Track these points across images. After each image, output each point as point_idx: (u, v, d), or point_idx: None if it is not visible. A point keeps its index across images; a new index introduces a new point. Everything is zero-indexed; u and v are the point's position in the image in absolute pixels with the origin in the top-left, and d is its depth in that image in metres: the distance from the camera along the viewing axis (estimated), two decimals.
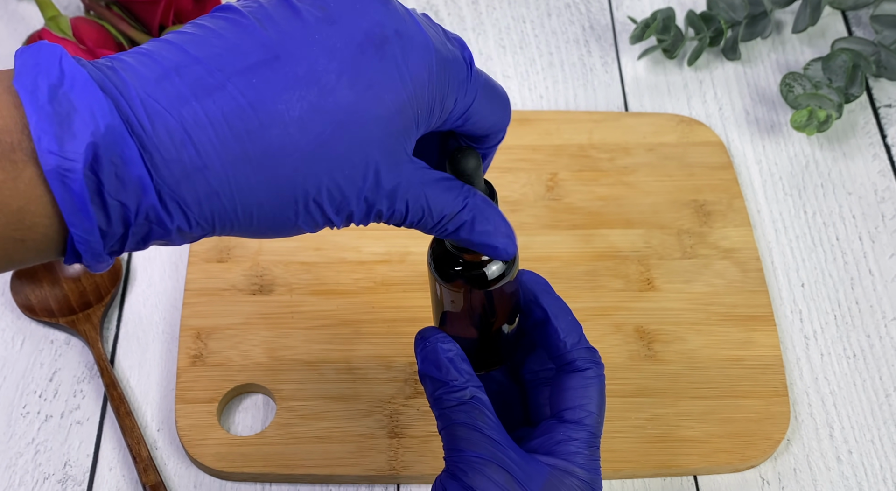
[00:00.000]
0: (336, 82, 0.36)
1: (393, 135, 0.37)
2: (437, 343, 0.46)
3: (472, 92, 0.40)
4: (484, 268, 0.44)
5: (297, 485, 0.57)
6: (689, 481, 0.57)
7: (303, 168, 0.36)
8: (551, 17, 0.81)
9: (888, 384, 0.61)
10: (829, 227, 0.68)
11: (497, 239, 0.42)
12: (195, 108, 0.34)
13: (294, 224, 0.37)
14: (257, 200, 0.36)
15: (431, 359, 0.46)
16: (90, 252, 0.34)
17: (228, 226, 0.36)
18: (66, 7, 0.78)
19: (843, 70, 0.72)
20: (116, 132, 0.33)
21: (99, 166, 0.33)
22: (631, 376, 0.60)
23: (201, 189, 0.35)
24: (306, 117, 0.36)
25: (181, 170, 0.34)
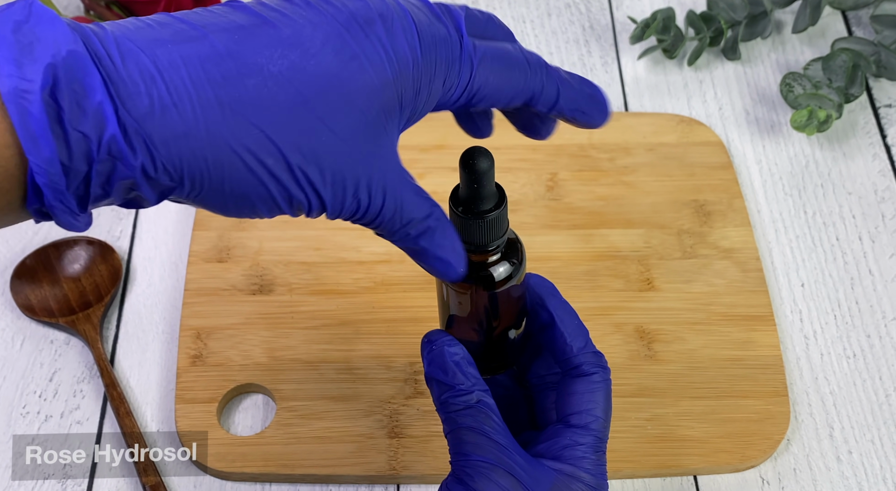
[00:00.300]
0: (320, 48, 0.36)
1: (374, 109, 0.37)
2: (443, 346, 0.46)
3: (467, 69, 0.40)
4: (491, 269, 0.44)
5: (297, 485, 0.57)
6: (689, 481, 0.57)
7: (279, 124, 0.35)
8: (551, 17, 0.81)
9: (888, 384, 0.61)
10: (829, 227, 0.68)
11: (452, 256, 0.42)
12: (171, 50, 0.34)
13: (266, 191, 0.36)
14: (228, 152, 0.35)
15: (438, 362, 0.46)
16: (51, 188, 0.33)
17: (198, 178, 0.35)
18: (65, 7, 0.78)
19: (843, 70, 0.72)
20: (79, 58, 0.32)
21: (59, 91, 0.32)
22: (631, 376, 0.60)
23: (169, 128, 0.34)
24: (287, 74, 0.35)
25: (148, 105, 0.33)
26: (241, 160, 0.35)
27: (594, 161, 0.70)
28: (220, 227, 0.66)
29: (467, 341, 0.47)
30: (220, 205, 0.37)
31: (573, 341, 0.47)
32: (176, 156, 0.34)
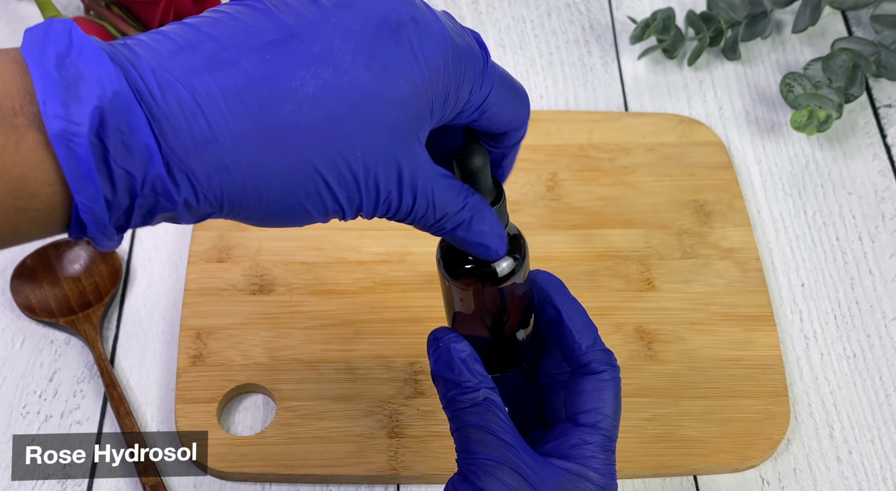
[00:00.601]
0: (351, 62, 0.36)
1: (407, 119, 0.37)
2: (449, 343, 0.46)
3: (489, 84, 0.40)
4: (493, 265, 0.44)
5: (297, 485, 0.57)
6: (689, 481, 0.57)
7: (315, 147, 0.35)
8: (551, 17, 0.81)
9: (888, 384, 0.61)
10: (829, 227, 0.68)
11: (490, 239, 0.42)
12: (207, 80, 0.34)
13: (303, 208, 0.37)
14: (267, 178, 0.35)
15: (444, 360, 0.46)
16: (95, 223, 0.33)
17: (238, 204, 0.36)
18: (66, 7, 0.78)
19: (843, 70, 0.72)
20: (124, 98, 0.33)
21: (105, 132, 0.32)
22: (631, 376, 0.60)
23: (211, 161, 0.34)
24: (320, 95, 0.35)
25: (191, 141, 0.34)
26: (279, 185, 0.36)
27: (594, 161, 0.70)
28: (220, 227, 0.66)
29: (473, 339, 0.47)
30: (256, 221, 0.37)
31: (581, 339, 0.47)
32: (217, 187, 0.35)
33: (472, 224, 0.41)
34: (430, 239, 0.65)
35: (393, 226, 0.66)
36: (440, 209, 0.40)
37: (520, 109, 0.43)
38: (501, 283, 0.44)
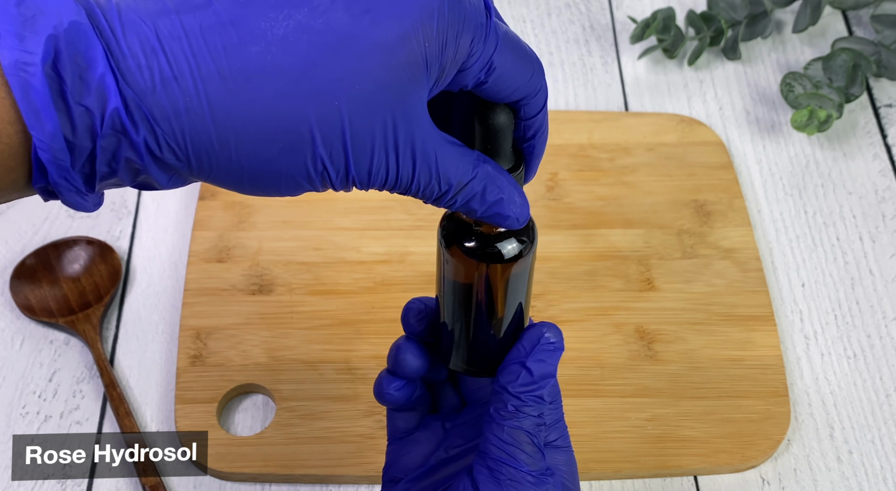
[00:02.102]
0: (330, 3, 0.34)
1: (394, 68, 0.34)
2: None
3: (493, 38, 0.37)
4: (499, 245, 0.41)
5: (297, 485, 0.57)
6: (689, 481, 0.57)
7: (286, 93, 0.33)
8: (551, 16, 0.81)
9: (888, 384, 0.61)
10: (829, 227, 0.68)
11: (508, 208, 0.39)
12: (173, 20, 0.33)
13: (281, 167, 0.34)
14: (234, 126, 0.33)
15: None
16: (55, 164, 0.32)
17: (205, 156, 0.33)
18: None
19: (843, 70, 0.72)
20: (81, 30, 0.32)
21: (61, 64, 0.31)
22: (631, 376, 0.60)
23: (169, 102, 0.32)
24: (291, 36, 0.33)
25: (150, 79, 0.32)
26: (249, 136, 0.33)
27: (594, 161, 0.70)
28: (219, 227, 0.66)
29: (457, 326, 0.44)
30: (237, 184, 0.35)
31: None
32: (178, 132, 0.33)
33: (485, 194, 0.38)
34: (431, 239, 0.65)
35: (393, 226, 0.66)
36: (446, 178, 0.37)
37: (532, 72, 0.39)
38: (506, 266, 0.41)
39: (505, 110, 0.38)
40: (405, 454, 0.47)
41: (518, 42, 0.39)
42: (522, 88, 0.39)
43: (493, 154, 0.39)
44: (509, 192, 0.39)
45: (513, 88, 0.38)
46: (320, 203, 0.67)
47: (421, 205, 0.66)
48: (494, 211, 0.39)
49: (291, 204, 0.67)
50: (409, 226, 0.66)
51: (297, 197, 0.42)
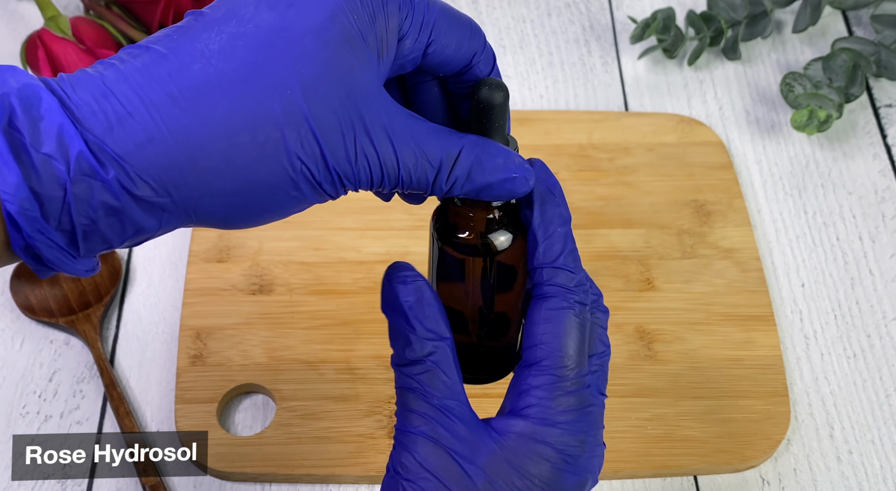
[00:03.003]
0: (254, 10, 0.35)
1: (332, 45, 0.35)
2: (397, 284, 0.39)
3: (422, 2, 0.38)
4: (491, 236, 0.40)
5: (297, 485, 0.57)
6: (689, 481, 0.57)
7: (238, 96, 0.34)
8: (551, 16, 0.81)
9: (888, 384, 0.61)
10: (829, 227, 0.68)
11: (510, 169, 0.38)
12: (117, 68, 0.34)
13: (258, 177, 0.34)
14: (198, 142, 0.34)
15: (391, 303, 0.39)
16: (25, 217, 0.32)
17: (181, 182, 0.34)
18: (65, 7, 0.78)
19: (843, 70, 0.72)
20: (33, 89, 0.33)
21: (16, 118, 0.32)
22: (631, 376, 0.60)
23: (130, 137, 0.33)
24: (227, 46, 0.34)
25: (105, 119, 0.33)
26: (213, 149, 0.34)
27: (594, 161, 0.70)
28: None
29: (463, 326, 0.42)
30: (227, 210, 0.35)
31: (545, 252, 0.40)
32: (147, 163, 0.33)
33: (482, 163, 0.37)
34: None
35: (393, 226, 0.66)
36: (432, 154, 0.37)
37: (469, 28, 0.39)
38: (497, 258, 0.39)
39: (500, 84, 0.38)
40: None
41: (445, 3, 0.39)
42: (466, 46, 0.39)
43: (489, 133, 0.38)
44: (506, 154, 0.38)
45: (458, 47, 0.39)
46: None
47: (421, 205, 0.66)
48: (499, 177, 0.38)
49: None
50: (409, 226, 0.66)
51: None
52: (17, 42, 0.76)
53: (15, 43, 0.77)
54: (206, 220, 0.36)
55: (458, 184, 0.37)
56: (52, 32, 0.70)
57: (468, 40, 0.39)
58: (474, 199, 0.39)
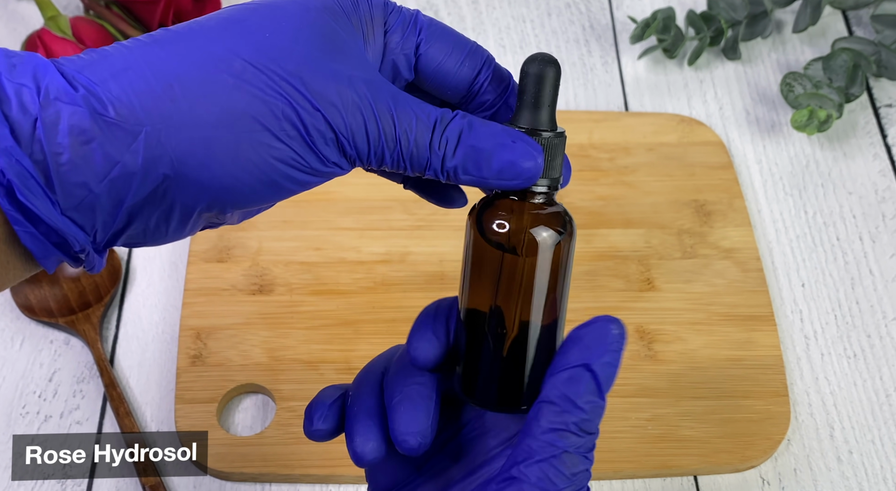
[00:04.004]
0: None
1: (313, 11, 0.35)
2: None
3: (409, 10, 0.38)
4: (533, 231, 0.37)
5: (297, 485, 0.57)
6: (689, 481, 0.57)
7: (217, 37, 0.34)
8: (551, 16, 0.81)
9: (888, 384, 0.61)
10: (829, 227, 0.68)
11: (506, 137, 0.36)
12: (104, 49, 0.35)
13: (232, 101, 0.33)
14: (175, 71, 0.33)
15: None
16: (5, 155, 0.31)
17: (154, 106, 0.33)
18: (65, 7, 0.78)
19: (843, 70, 0.72)
20: (13, 51, 0.33)
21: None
22: (631, 376, 0.60)
23: (107, 68, 0.33)
24: (213, 14, 0.36)
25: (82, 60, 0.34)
26: (189, 79, 0.33)
27: (594, 161, 0.70)
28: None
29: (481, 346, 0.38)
30: (205, 154, 0.34)
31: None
32: (121, 89, 0.33)
33: (475, 128, 0.36)
34: (430, 239, 0.65)
35: (393, 226, 0.66)
36: (429, 113, 0.36)
37: (467, 49, 0.38)
38: (538, 251, 0.37)
39: (551, 62, 0.36)
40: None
41: (443, 26, 0.39)
42: (467, 62, 0.38)
43: (535, 106, 0.37)
44: (504, 128, 0.37)
45: (457, 60, 0.38)
46: (320, 203, 0.67)
47: (421, 205, 0.66)
48: (492, 143, 0.36)
49: (292, 204, 0.67)
50: (409, 226, 0.66)
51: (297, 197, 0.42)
52: (17, 42, 0.76)
53: (15, 43, 0.77)
54: (186, 168, 0.34)
55: (449, 148, 0.36)
56: (52, 32, 0.70)
57: (468, 56, 0.39)
58: (491, 185, 0.37)
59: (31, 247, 0.33)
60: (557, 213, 0.38)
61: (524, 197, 0.38)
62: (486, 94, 0.39)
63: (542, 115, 0.37)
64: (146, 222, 0.35)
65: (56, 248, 0.33)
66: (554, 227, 0.38)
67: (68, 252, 0.34)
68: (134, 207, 0.34)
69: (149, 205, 0.34)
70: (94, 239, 0.34)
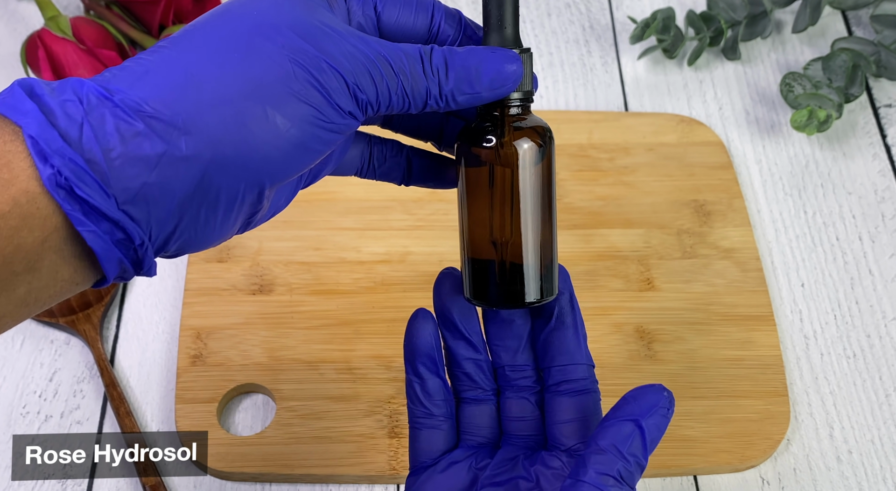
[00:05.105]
0: None
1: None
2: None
3: None
4: (514, 142, 0.41)
5: (297, 485, 0.57)
6: (689, 481, 0.57)
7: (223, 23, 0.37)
8: (551, 17, 0.81)
9: (888, 384, 0.61)
10: (829, 227, 0.68)
11: (486, 49, 0.40)
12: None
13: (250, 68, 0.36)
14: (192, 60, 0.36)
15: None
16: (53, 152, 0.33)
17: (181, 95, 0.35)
18: (66, 7, 0.78)
19: (843, 70, 0.72)
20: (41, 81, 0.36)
21: (35, 86, 0.34)
22: (631, 376, 0.60)
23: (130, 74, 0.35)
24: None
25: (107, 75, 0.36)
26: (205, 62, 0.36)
27: (594, 161, 0.70)
28: None
29: (483, 253, 0.42)
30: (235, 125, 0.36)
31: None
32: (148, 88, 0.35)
33: (455, 51, 0.39)
34: (430, 239, 0.65)
35: (393, 226, 0.66)
36: (411, 49, 0.39)
37: (418, 3, 0.42)
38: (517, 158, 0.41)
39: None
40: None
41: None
42: (421, 13, 0.42)
43: (497, 23, 0.41)
44: (481, 49, 0.40)
45: (415, 15, 0.41)
46: (320, 203, 0.67)
47: (421, 205, 0.66)
48: (477, 57, 0.40)
49: (292, 204, 0.66)
50: (409, 226, 0.66)
51: (298, 197, 0.42)
52: (18, 42, 0.76)
53: (15, 43, 0.77)
54: (224, 146, 0.36)
55: (441, 74, 0.39)
56: (53, 32, 0.70)
57: (418, 5, 0.42)
58: (485, 98, 0.40)
59: (94, 246, 0.34)
60: (535, 121, 0.43)
61: (503, 111, 0.42)
62: (445, 34, 0.42)
63: (507, 34, 0.41)
64: (196, 215, 0.36)
65: (117, 246, 0.34)
66: (534, 134, 0.42)
67: (129, 250, 0.35)
68: (184, 198, 0.35)
69: (197, 194, 0.36)
70: (149, 237, 0.35)
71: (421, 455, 0.45)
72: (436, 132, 0.46)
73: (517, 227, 0.42)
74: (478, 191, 0.42)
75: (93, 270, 0.35)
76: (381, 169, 0.46)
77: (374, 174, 0.46)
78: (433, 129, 0.46)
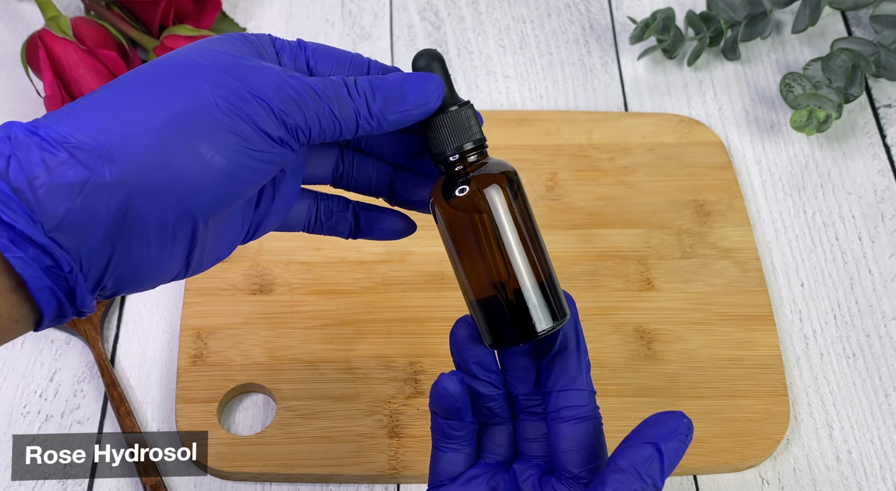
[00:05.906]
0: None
1: (213, 42, 0.39)
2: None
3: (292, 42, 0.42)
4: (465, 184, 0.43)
5: (297, 485, 0.57)
6: (688, 481, 0.57)
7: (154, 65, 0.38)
8: (551, 17, 0.81)
9: (888, 384, 0.61)
10: (828, 227, 0.68)
11: (405, 74, 0.42)
12: None
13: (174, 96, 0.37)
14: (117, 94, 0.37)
15: None
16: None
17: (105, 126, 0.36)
18: (66, 7, 0.78)
19: (842, 70, 0.72)
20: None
21: None
22: (631, 376, 0.60)
23: (61, 114, 0.37)
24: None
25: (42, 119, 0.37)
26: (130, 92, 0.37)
27: (594, 161, 0.70)
28: None
29: (487, 295, 0.43)
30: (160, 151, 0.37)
31: None
32: (74, 124, 0.36)
33: (376, 78, 0.41)
34: (430, 239, 0.65)
35: None
36: (336, 81, 0.40)
37: (350, 58, 0.43)
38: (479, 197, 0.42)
39: (428, 53, 0.43)
40: None
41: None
42: (353, 63, 0.42)
43: None
44: (403, 73, 0.42)
45: (340, 61, 0.42)
46: None
47: None
48: (397, 78, 0.41)
49: None
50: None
51: None
52: (18, 42, 0.77)
53: (15, 43, 0.77)
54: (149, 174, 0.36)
55: (369, 95, 0.40)
56: (53, 33, 0.70)
57: (352, 62, 0.43)
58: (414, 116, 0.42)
59: (22, 273, 0.34)
60: (496, 163, 0.44)
61: (463, 162, 0.43)
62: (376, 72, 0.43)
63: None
64: (127, 247, 0.36)
65: (46, 274, 0.35)
66: (498, 176, 0.43)
67: (59, 279, 0.35)
68: (112, 226, 0.36)
69: (127, 224, 0.36)
70: (80, 267, 0.36)
71: (441, 475, 0.45)
72: (386, 188, 0.47)
73: (510, 265, 0.43)
74: (462, 241, 0.43)
75: (29, 305, 0.35)
76: (327, 224, 0.47)
77: (322, 229, 0.47)
78: (384, 186, 0.46)
